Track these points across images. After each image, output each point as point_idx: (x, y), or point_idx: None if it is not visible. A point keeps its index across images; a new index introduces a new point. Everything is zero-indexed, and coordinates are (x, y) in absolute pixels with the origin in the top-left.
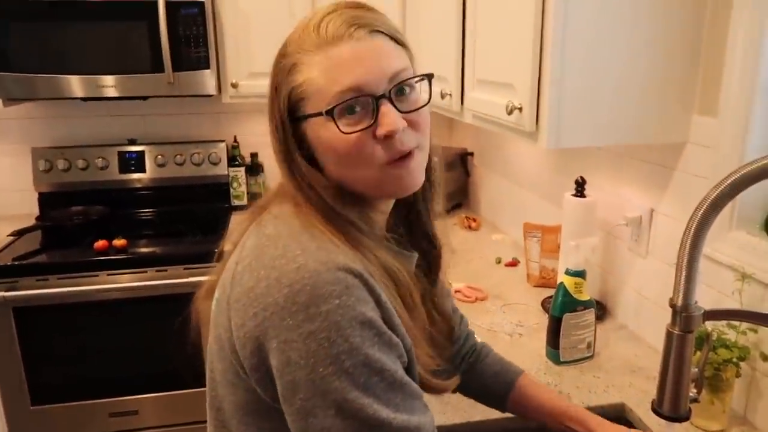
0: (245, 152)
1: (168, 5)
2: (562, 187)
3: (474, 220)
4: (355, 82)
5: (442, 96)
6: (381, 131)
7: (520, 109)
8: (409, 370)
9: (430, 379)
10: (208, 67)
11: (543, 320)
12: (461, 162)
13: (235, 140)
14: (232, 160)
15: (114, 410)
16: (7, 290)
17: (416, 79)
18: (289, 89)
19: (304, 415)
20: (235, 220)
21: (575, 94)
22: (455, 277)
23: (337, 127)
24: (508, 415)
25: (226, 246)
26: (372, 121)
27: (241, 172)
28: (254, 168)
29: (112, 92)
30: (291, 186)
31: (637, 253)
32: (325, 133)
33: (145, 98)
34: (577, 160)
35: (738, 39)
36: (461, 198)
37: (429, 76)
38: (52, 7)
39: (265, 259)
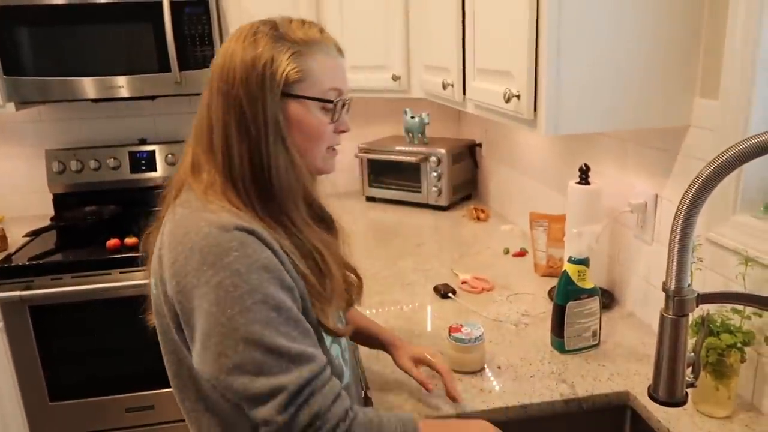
0: None
1: (173, 5)
2: (569, 176)
3: (483, 211)
4: (342, 86)
5: (444, 86)
6: (345, 128)
7: (518, 96)
8: (306, 314)
9: (328, 323)
10: None
11: (549, 309)
12: (469, 153)
13: None
14: None
15: (130, 405)
16: (23, 289)
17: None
18: (284, 66)
19: (216, 357)
20: None
21: (573, 80)
22: (463, 268)
23: (331, 117)
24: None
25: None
26: (337, 118)
27: None
28: None
29: (122, 93)
30: (243, 151)
31: (643, 240)
32: (307, 114)
33: (153, 98)
34: (582, 147)
35: (738, 19)
36: (470, 189)
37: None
38: (60, 10)
39: (179, 236)
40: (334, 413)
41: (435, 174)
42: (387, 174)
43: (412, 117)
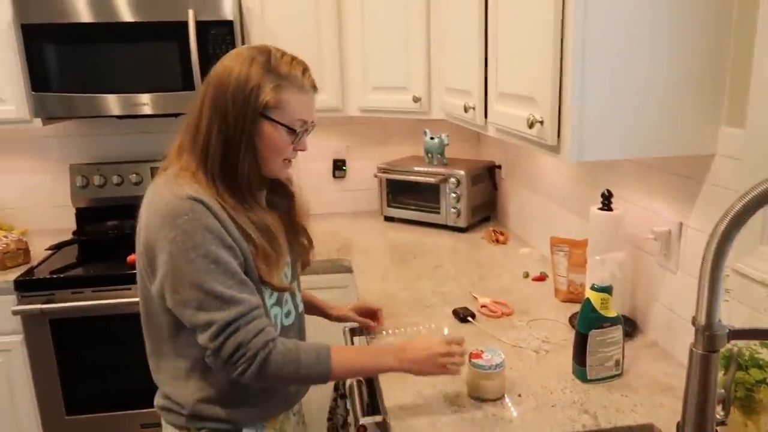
0: None
1: (198, 25)
2: (590, 200)
3: (502, 234)
4: (308, 119)
5: (466, 109)
6: (302, 148)
7: (542, 122)
8: (248, 271)
9: (273, 281)
10: None
11: (570, 336)
12: (489, 175)
13: None
14: None
15: (145, 421)
16: (44, 302)
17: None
18: (267, 94)
19: (172, 293)
20: None
21: (597, 107)
22: (482, 291)
23: (292, 139)
24: None
25: None
26: (297, 140)
27: None
28: None
29: (146, 110)
30: (218, 148)
31: (667, 268)
32: (275, 133)
33: (176, 115)
34: (605, 172)
35: (765, 47)
36: (489, 211)
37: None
38: (89, 29)
39: (151, 201)
40: (255, 344)
41: (454, 195)
42: (406, 194)
43: (432, 138)
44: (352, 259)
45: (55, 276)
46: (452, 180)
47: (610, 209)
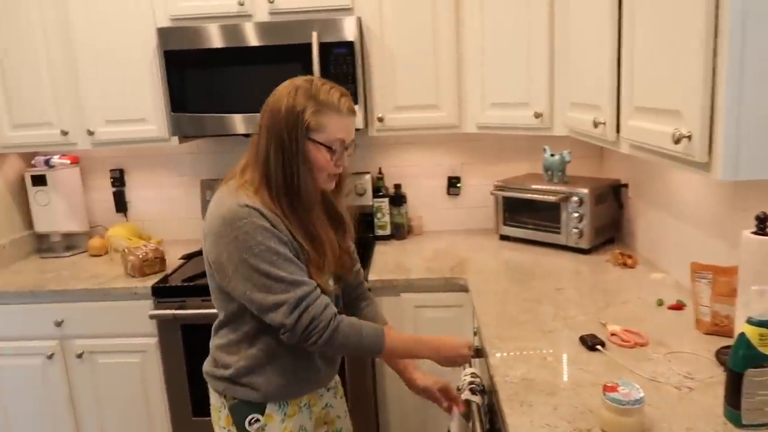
0: (389, 183)
1: (321, 47)
2: (736, 224)
3: (630, 257)
4: (346, 138)
5: (595, 125)
6: (341, 164)
7: (689, 137)
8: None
9: (320, 280)
10: (356, 103)
11: (718, 374)
12: (613, 194)
13: (380, 172)
14: (377, 191)
15: None
16: (177, 308)
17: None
18: (308, 117)
19: (243, 281)
20: (378, 249)
21: (759, 117)
22: (610, 318)
23: (331, 156)
24: None
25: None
26: (336, 158)
27: (385, 202)
28: (397, 198)
29: None
30: (278, 166)
31: None
32: (318, 152)
33: None
34: (756, 192)
35: None
36: (613, 232)
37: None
38: (220, 53)
39: (213, 207)
40: (326, 316)
41: (576, 215)
42: (523, 213)
43: (552, 155)
44: (467, 278)
45: (186, 284)
46: (574, 199)
47: (765, 234)
